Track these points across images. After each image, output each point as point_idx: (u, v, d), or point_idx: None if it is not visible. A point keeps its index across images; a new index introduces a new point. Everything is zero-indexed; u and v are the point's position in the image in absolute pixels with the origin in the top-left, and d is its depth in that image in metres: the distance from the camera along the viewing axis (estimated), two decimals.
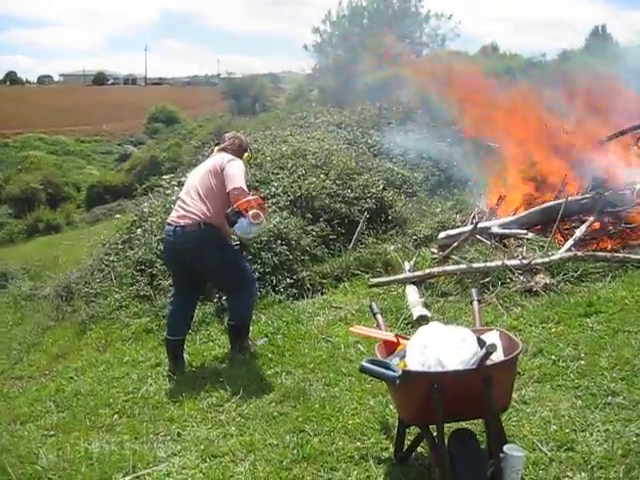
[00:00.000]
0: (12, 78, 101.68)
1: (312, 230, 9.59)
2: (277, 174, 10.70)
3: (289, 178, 10.47)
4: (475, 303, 4.89)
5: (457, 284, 7.75)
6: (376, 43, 36.90)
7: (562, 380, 5.27)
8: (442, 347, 3.84)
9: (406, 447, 4.43)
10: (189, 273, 6.65)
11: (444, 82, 17.86)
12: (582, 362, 5.44)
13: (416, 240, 9.51)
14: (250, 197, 6.14)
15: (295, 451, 4.80)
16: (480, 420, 4.29)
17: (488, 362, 3.77)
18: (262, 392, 5.90)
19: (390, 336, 4.63)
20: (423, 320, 6.96)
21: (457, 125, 15.10)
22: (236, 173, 6.36)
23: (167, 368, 6.82)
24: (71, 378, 7.43)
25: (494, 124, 13.14)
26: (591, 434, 4.47)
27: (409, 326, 7.01)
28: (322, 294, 8.69)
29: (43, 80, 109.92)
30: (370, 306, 5.11)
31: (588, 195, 8.50)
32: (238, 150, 6.88)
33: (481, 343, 3.93)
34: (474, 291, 5.03)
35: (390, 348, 4.51)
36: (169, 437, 5.34)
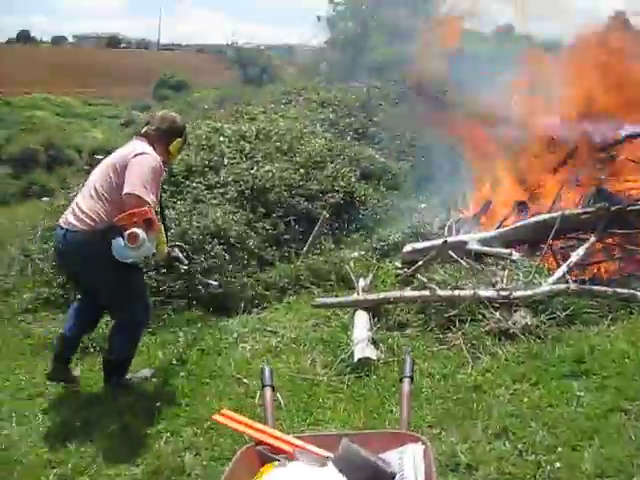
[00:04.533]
0: (26, 37, 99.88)
1: (263, 227, 8.04)
2: (232, 159, 9.12)
3: (244, 164, 8.89)
4: (406, 384, 3.33)
5: (418, 314, 6.22)
6: (389, 19, 35.24)
7: None
8: None
9: None
10: (84, 285, 5.55)
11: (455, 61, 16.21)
12: (557, 463, 3.90)
13: (383, 248, 7.93)
14: (138, 209, 4.73)
15: None
16: None
17: None
18: (126, 463, 4.42)
19: (269, 437, 3.07)
20: (365, 363, 5.46)
21: (456, 110, 13.51)
22: (137, 173, 4.90)
23: (43, 402, 5.50)
24: None
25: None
26: None
27: (348, 369, 5.49)
28: (262, 309, 7.17)
29: (57, 40, 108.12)
30: (261, 371, 3.51)
31: (590, 209, 6.88)
32: (163, 136, 5.34)
33: None
34: (408, 361, 3.45)
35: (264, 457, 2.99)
36: None
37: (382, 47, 30.39)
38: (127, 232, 4.60)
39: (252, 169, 8.76)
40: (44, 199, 9.69)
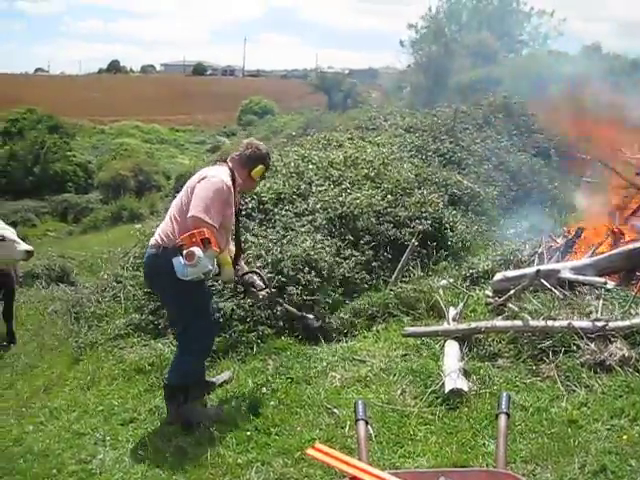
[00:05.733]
0: (116, 67, 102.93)
1: (351, 255, 8.00)
2: (321, 186, 9.15)
3: (332, 191, 8.90)
4: (503, 420, 3.27)
5: (510, 344, 6.09)
6: (473, 41, 35.07)
7: None
8: None
9: None
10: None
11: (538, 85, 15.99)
12: None
13: (472, 275, 7.81)
14: (197, 230, 5.00)
15: None
16: None
17: None
18: None
19: (365, 473, 3.03)
20: (457, 395, 5.37)
21: (545, 134, 13.34)
22: (201, 196, 5.16)
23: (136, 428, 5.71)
24: (40, 424, 6.16)
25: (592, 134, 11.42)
26: None
27: (439, 401, 5.42)
28: (351, 337, 7.14)
29: (146, 69, 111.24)
30: (355, 405, 3.50)
31: None
32: (247, 161, 5.59)
33: None
34: (505, 396, 3.40)
35: None
36: None
37: (467, 70, 30.28)
38: (186, 251, 4.89)
39: (340, 196, 8.75)
40: (137, 226, 9.89)
